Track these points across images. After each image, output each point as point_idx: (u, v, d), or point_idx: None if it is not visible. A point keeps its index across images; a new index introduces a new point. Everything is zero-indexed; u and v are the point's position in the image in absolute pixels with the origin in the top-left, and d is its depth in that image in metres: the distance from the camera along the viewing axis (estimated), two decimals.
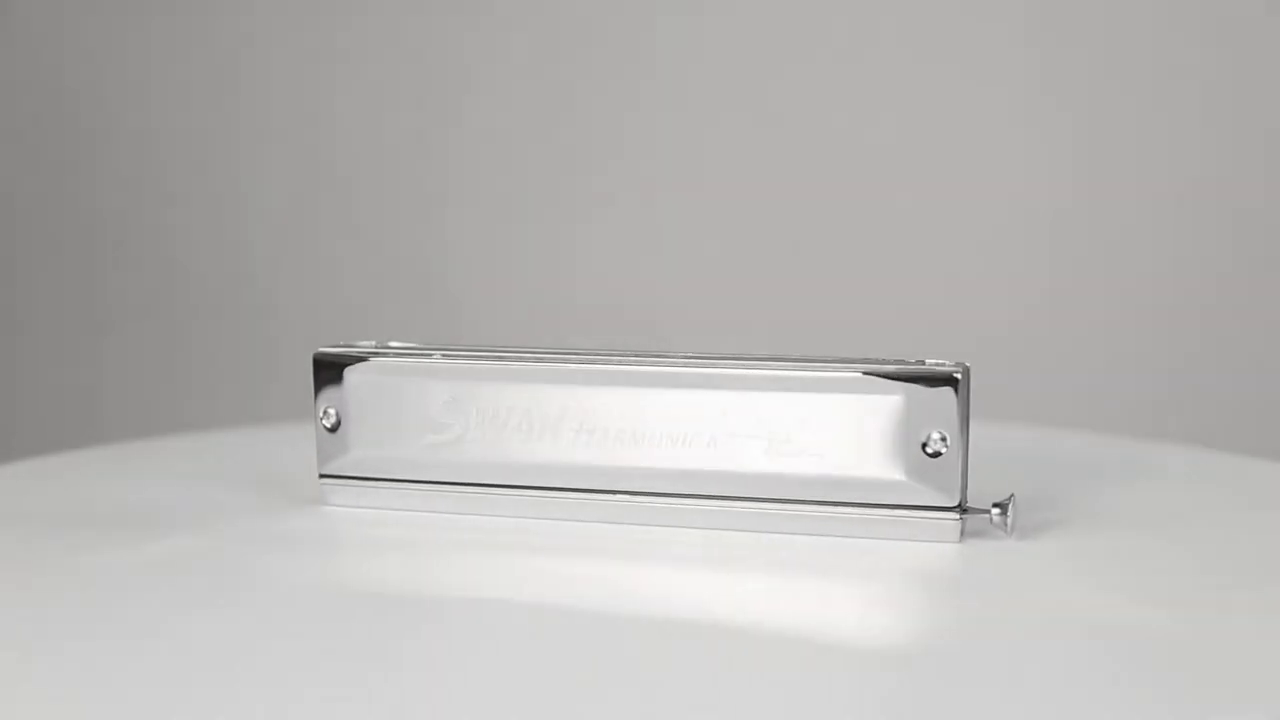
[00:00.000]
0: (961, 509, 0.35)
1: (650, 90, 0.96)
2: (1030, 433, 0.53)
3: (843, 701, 0.26)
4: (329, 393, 0.40)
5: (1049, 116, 0.88)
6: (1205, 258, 0.86)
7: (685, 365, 0.37)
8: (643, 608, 0.32)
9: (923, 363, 0.36)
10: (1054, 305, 0.89)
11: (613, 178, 0.98)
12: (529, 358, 0.39)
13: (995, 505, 0.36)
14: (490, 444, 0.39)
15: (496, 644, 0.29)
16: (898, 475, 0.35)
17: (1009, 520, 0.36)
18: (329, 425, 0.40)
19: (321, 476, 0.40)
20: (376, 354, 0.40)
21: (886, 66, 0.90)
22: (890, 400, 0.35)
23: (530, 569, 0.35)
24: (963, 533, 0.36)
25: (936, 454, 0.35)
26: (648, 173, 0.97)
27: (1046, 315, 0.89)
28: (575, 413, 0.38)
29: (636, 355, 0.38)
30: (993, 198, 0.90)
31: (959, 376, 0.35)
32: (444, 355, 0.40)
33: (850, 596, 0.33)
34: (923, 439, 0.35)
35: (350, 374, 0.40)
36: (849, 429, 0.36)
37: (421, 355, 0.40)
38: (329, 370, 0.40)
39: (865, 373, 0.35)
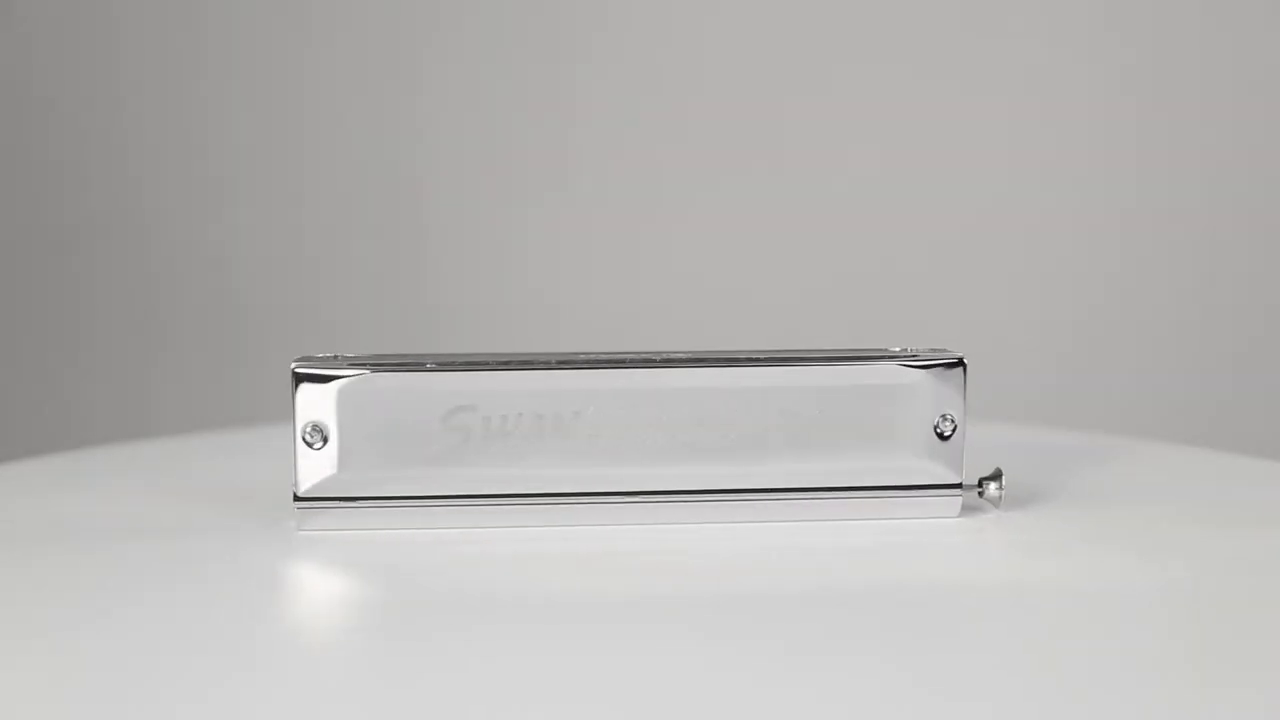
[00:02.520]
0: (960, 485, 0.39)
1: (636, 89, 0.97)
2: (986, 427, 0.56)
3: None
4: (311, 408, 0.38)
5: (1046, 116, 0.93)
6: (1193, 259, 0.94)
7: (698, 365, 0.38)
8: (706, 598, 0.33)
9: (908, 350, 0.39)
10: (1015, 304, 0.95)
11: (606, 179, 0.98)
12: (536, 364, 0.38)
13: (990, 480, 0.39)
14: (500, 453, 0.38)
15: (554, 647, 0.29)
16: (914, 457, 0.38)
17: (1001, 494, 0.39)
18: (314, 443, 0.38)
19: (299, 499, 0.38)
20: (366, 366, 0.38)
21: (886, 67, 0.94)
22: (908, 388, 0.38)
23: (572, 572, 0.35)
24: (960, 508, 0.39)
25: (947, 435, 0.38)
26: (643, 174, 0.98)
27: (1012, 313, 0.96)
28: (587, 416, 0.38)
29: (648, 356, 0.38)
30: (980, 203, 0.95)
31: (966, 362, 0.38)
32: (437, 365, 0.38)
33: (967, 568, 0.35)
34: (934, 422, 0.38)
35: (338, 388, 0.38)
36: (868, 417, 0.38)
37: (414, 366, 0.38)
38: (312, 384, 0.38)
39: (882, 361, 0.38)
